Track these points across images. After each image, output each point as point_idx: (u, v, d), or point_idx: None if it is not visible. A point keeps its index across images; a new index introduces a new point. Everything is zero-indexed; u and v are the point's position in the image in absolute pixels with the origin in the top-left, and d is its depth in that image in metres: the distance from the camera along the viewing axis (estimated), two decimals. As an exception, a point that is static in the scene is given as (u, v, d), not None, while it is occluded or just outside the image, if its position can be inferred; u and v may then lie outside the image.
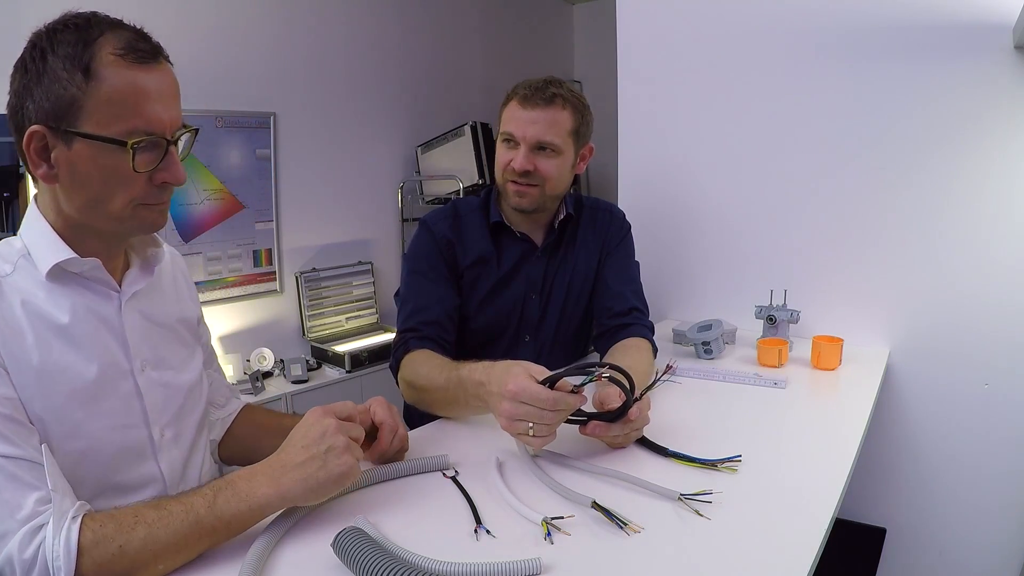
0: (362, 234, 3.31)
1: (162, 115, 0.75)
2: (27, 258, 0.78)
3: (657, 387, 0.97)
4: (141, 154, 0.75)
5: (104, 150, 0.73)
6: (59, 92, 0.71)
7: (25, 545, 0.64)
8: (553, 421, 0.89)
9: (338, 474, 0.76)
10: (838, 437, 1.07)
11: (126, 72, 0.73)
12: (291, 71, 2.90)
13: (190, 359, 0.96)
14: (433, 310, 1.28)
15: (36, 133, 0.73)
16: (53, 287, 0.78)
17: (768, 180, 1.68)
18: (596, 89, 4.39)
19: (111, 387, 0.81)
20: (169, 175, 0.78)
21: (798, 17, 1.57)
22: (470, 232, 1.35)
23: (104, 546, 0.65)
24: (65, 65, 0.71)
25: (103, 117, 0.72)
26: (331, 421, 0.78)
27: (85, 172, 0.74)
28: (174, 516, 0.69)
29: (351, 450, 0.78)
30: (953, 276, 1.49)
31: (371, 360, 2.90)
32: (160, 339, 0.90)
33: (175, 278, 0.99)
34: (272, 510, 0.74)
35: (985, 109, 1.41)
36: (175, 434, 0.89)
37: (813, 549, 0.73)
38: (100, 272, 0.81)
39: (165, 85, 0.77)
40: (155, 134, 0.75)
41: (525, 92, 1.25)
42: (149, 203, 0.79)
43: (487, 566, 0.66)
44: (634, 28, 1.82)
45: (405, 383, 1.21)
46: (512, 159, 1.26)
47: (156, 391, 0.86)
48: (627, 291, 1.39)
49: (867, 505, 1.63)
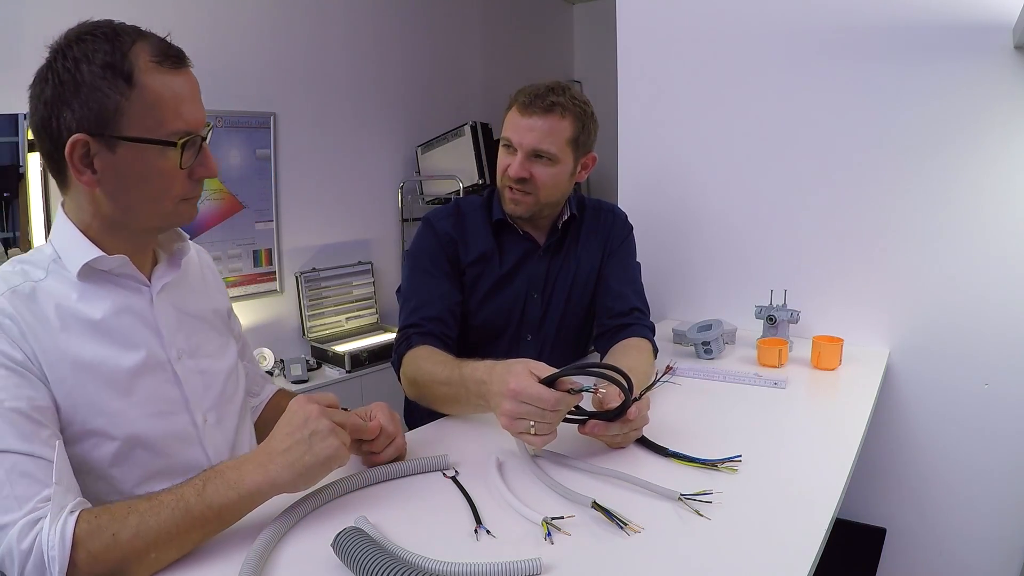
0: (362, 234, 3.31)
1: (195, 114, 0.81)
2: (58, 262, 0.82)
3: (657, 387, 0.97)
4: (185, 152, 0.80)
5: (150, 151, 0.78)
6: (101, 100, 0.75)
7: (23, 536, 0.66)
8: (554, 420, 0.89)
9: (325, 456, 0.77)
10: (838, 437, 1.07)
11: (164, 77, 0.77)
12: (291, 71, 2.90)
13: (225, 347, 1.00)
14: (435, 306, 1.28)
15: (79, 142, 0.76)
16: (85, 287, 0.82)
17: (768, 180, 1.68)
18: (596, 89, 4.38)
19: (149, 376, 0.85)
20: (206, 169, 0.84)
21: (798, 17, 1.57)
22: (473, 230, 1.36)
23: (98, 536, 0.67)
24: (105, 74, 0.74)
25: (148, 121, 0.76)
26: (313, 407, 0.79)
27: (131, 174, 0.78)
28: (164, 505, 0.70)
29: (336, 433, 0.79)
30: (953, 276, 1.49)
31: (371, 360, 2.90)
32: (193, 329, 0.94)
33: (203, 272, 1.03)
34: (262, 497, 0.74)
35: (985, 109, 1.41)
36: (218, 419, 0.93)
37: (813, 549, 0.73)
38: (129, 268, 0.85)
39: (194, 87, 0.82)
40: (193, 132, 0.80)
41: (525, 99, 1.25)
42: (189, 197, 0.84)
43: (487, 566, 0.66)
44: (634, 28, 1.82)
45: (407, 379, 1.21)
46: (509, 165, 1.27)
47: (194, 378, 0.90)
48: (628, 291, 1.39)
49: (867, 505, 1.63)
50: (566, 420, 0.93)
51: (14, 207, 2.02)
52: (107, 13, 0.80)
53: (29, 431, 0.71)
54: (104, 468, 0.81)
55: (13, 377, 0.73)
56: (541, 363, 0.93)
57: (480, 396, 1.00)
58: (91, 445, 0.80)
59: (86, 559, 0.66)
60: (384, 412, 0.94)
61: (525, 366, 0.92)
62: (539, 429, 0.89)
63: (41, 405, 0.74)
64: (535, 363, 0.93)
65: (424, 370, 1.14)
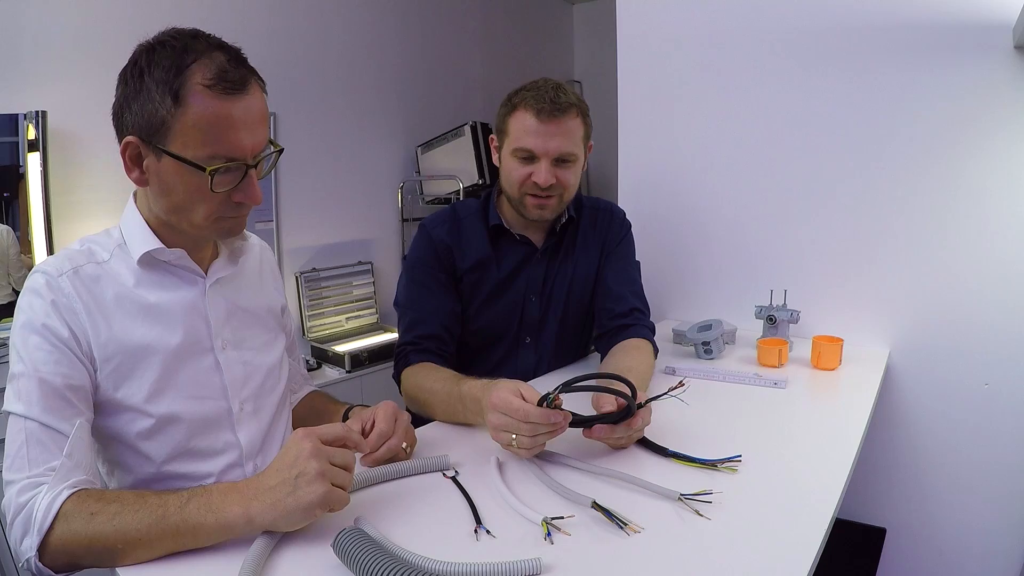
0: (362, 234, 3.31)
1: (244, 141, 0.81)
2: (123, 247, 0.88)
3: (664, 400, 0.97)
4: (220, 176, 0.81)
5: (187, 169, 0.80)
6: (152, 111, 0.78)
7: (22, 493, 0.73)
8: (531, 434, 0.89)
9: (307, 503, 0.71)
10: (838, 437, 1.07)
11: (212, 102, 0.78)
12: (291, 71, 2.90)
13: (273, 343, 1.04)
14: (430, 323, 1.29)
15: (131, 143, 0.80)
16: (144, 273, 0.88)
17: (768, 180, 1.68)
18: (596, 89, 4.40)
19: (192, 361, 0.90)
20: (245, 196, 0.85)
21: (797, 18, 1.57)
22: (469, 236, 1.35)
23: (78, 515, 0.71)
24: (158, 87, 0.77)
25: (188, 140, 0.79)
26: (307, 445, 0.73)
27: (171, 184, 0.82)
28: (147, 505, 0.71)
29: (326, 476, 0.72)
30: (953, 276, 1.49)
31: (371, 360, 2.90)
32: (243, 322, 0.98)
33: (262, 270, 1.08)
34: (238, 531, 0.71)
35: (985, 109, 1.41)
36: (255, 408, 0.97)
37: (813, 549, 0.73)
38: (186, 261, 0.90)
39: (251, 113, 0.82)
40: (236, 159, 0.81)
41: (540, 105, 1.21)
42: (226, 216, 0.86)
43: (487, 566, 0.66)
44: (634, 28, 1.82)
45: (406, 395, 1.24)
46: (531, 174, 1.25)
47: (236, 368, 0.95)
48: (627, 292, 1.39)
49: (867, 505, 1.63)
50: (572, 425, 0.93)
51: (14, 207, 2.02)
52: (106, 13, 0.80)
53: (55, 405, 0.78)
54: (135, 441, 0.87)
55: (55, 353, 0.80)
56: (529, 386, 0.93)
57: (476, 413, 1.02)
58: (127, 420, 0.86)
59: (61, 532, 0.71)
60: (385, 413, 0.94)
61: (514, 385, 0.93)
62: (520, 442, 0.90)
63: (74, 384, 0.80)
64: (524, 385, 0.93)
65: (423, 388, 1.17)
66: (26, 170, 2.00)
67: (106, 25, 2.16)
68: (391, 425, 0.94)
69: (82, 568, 0.74)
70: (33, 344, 0.79)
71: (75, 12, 2.13)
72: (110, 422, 0.86)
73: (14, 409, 0.78)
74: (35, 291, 0.82)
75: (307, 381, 1.23)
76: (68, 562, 0.72)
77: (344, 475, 0.75)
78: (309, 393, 1.21)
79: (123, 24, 2.16)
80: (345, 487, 0.75)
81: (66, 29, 2.10)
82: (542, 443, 0.92)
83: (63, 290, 0.82)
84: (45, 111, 1.99)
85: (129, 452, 0.88)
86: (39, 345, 0.79)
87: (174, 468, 0.89)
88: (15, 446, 0.76)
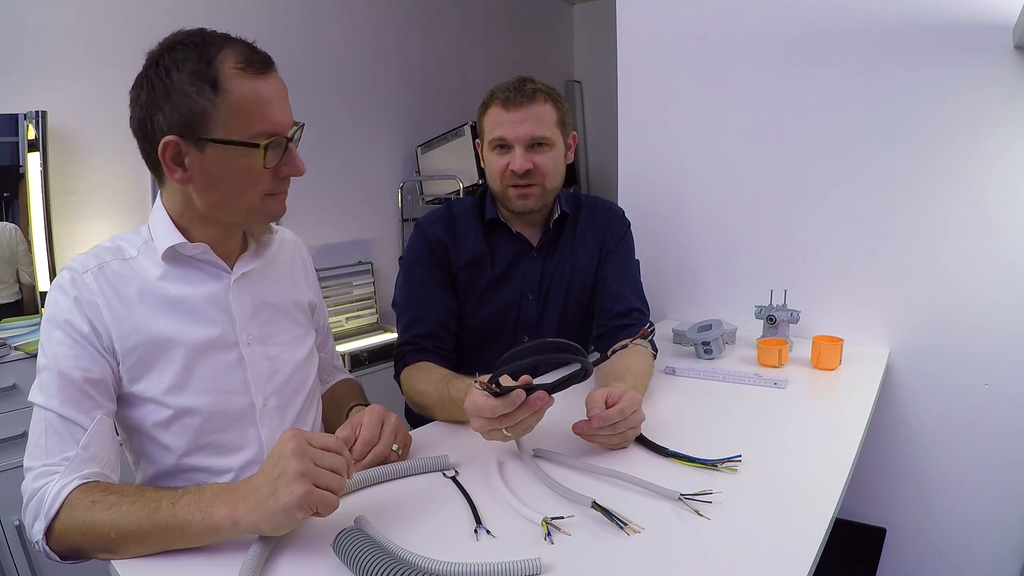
0: (362, 234, 3.31)
1: (280, 117, 0.85)
2: (149, 244, 0.91)
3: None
4: (269, 152, 0.84)
5: (236, 152, 0.82)
6: (189, 105, 0.80)
7: (37, 479, 0.77)
8: (512, 423, 0.89)
9: (284, 504, 0.67)
10: (838, 437, 1.07)
11: (248, 83, 0.82)
12: (290, 71, 2.87)
13: (302, 339, 1.04)
14: (428, 322, 1.30)
15: (170, 143, 0.81)
16: (169, 268, 0.90)
17: (768, 180, 1.68)
18: (596, 89, 4.40)
19: (215, 355, 0.91)
20: (292, 168, 0.89)
21: (797, 18, 1.57)
22: (464, 233, 1.36)
23: (81, 504, 0.73)
24: (192, 81, 0.79)
25: (233, 124, 0.81)
26: (291, 444, 0.70)
27: (219, 173, 0.84)
28: (144, 500, 0.72)
29: (307, 476, 0.68)
30: (953, 276, 1.49)
31: (371, 360, 2.90)
32: (269, 317, 0.99)
33: (293, 263, 1.09)
34: (224, 534, 0.69)
35: (984, 109, 1.41)
36: (279, 404, 0.97)
37: (813, 549, 0.73)
38: (209, 255, 0.91)
39: (280, 89, 0.87)
40: (278, 134, 0.85)
41: (505, 95, 1.26)
42: (274, 193, 0.89)
43: (487, 566, 0.66)
44: (634, 28, 1.82)
45: (406, 395, 1.26)
46: (509, 163, 1.27)
47: (261, 363, 0.95)
48: (627, 292, 1.39)
49: (867, 505, 1.63)
50: (534, 389, 0.89)
51: (14, 207, 2.02)
52: (106, 13, 0.80)
53: (74, 398, 0.81)
54: (153, 431, 0.88)
55: (75, 348, 0.82)
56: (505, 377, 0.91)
57: (464, 415, 1.01)
58: (148, 411, 0.88)
59: (65, 519, 0.73)
60: (370, 419, 0.93)
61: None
62: (511, 431, 0.90)
63: (94, 378, 0.83)
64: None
65: (419, 390, 1.19)
66: (26, 170, 2.00)
67: (106, 25, 2.16)
68: (375, 432, 0.93)
69: (84, 555, 0.75)
70: (55, 339, 0.83)
71: (75, 12, 2.13)
72: (133, 413, 0.88)
73: (36, 400, 0.81)
74: (61, 287, 0.85)
75: (339, 371, 1.24)
76: (70, 548, 0.75)
77: (329, 476, 0.71)
78: (336, 382, 1.21)
79: (123, 24, 2.17)
80: (333, 490, 0.71)
81: (66, 29, 2.10)
82: (530, 424, 0.91)
83: (87, 286, 0.84)
84: (45, 111, 1.99)
85: (150, 442, 0.90)
86: (60, 340, 0.82)
87: (194, 461, 0.90)
88: (36, 435, 0.80)
